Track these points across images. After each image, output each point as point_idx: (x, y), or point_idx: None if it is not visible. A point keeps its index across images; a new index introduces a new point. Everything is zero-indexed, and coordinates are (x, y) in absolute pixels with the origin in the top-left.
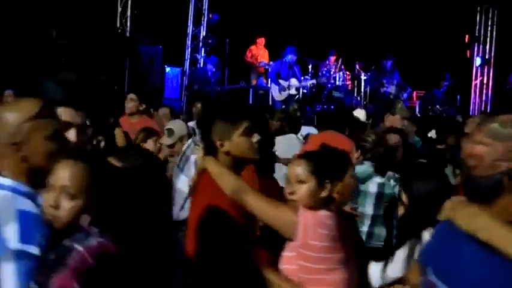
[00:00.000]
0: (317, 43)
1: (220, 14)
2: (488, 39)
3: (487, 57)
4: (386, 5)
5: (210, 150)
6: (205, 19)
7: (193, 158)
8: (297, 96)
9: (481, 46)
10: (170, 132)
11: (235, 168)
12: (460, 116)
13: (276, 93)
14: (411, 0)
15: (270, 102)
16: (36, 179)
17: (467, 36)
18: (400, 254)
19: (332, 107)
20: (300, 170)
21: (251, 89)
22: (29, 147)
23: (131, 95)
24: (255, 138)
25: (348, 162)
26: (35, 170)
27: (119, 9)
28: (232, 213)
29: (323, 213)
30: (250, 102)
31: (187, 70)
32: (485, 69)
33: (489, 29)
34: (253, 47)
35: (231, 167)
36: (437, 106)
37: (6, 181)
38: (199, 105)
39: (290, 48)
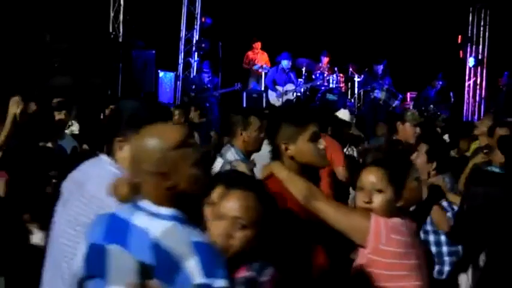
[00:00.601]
0: (311, 45)
1: (213, 18)
2: (481, 39)
3: (480, 57)
4: (379, 6)
5: (276, 154)
6: (198, 23)
7: None
8: (293, 101)
9: (474, 46)
10: None
11: (301, 173)
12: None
13: (274, 100)
14: (403, 1)
15: (264, 105)
16: (181, 205)
17: (460, 36)
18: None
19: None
20: (378, 178)
21: (244, 93)
22: (176, 175)
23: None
24: (321, 144)
25: (410, 164)
26: (179, 196)
27: (112, 14)
28: (303, 217)
29: (396, 220)
30: (244, 105)
31: (181, 74)
32: (479, 70)
33: (482, 29)
34: (249, 53)
35: (298, 172)
36: (431, 106)
37: (163, 210)
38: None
39: (285, 54)
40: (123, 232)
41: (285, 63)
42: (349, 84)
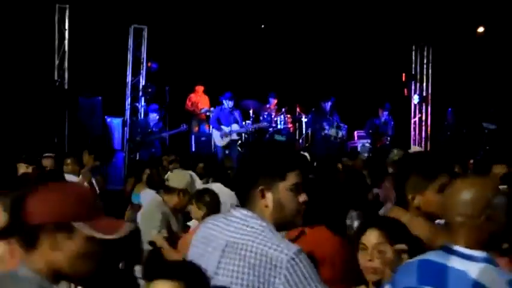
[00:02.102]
0: (256, 87)
1: (159, 62)
2: (424, 76)
3: (424, 94)
4: (323, 46)
5: (401, 202)
6: (144, 68)
7: None
8: (239, 142)
9: (418, 84)
10: None
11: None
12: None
13: (218, 139)
14: (347, 42)
15: (213, 149)
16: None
17: (403, 74)
18: None
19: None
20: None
21: (193, 136)
22: (495, 221)
23: None
24: None
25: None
26: (491, 239)
27: (56, 61)
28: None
29: None
30: (193, 149)
31: (128, 120)
32: (423, 106)
33: (425, 66)
34: (192, 95)
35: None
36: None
37: (476, 253)
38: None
39: (227, 93)
40: (440, 275)
41: (227, 102)
42: (297, 124)
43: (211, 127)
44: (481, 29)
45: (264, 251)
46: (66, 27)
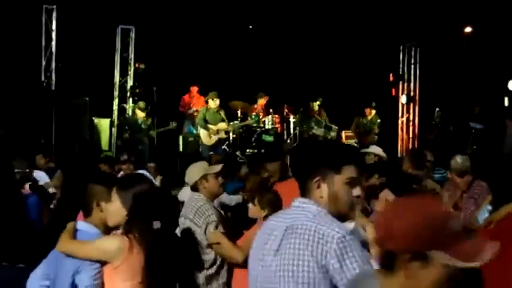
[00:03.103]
0: (244, 87)
1: (146, 63)
2: (412, 77)
3: (411, 94)
4: (311, 47)
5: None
6: (132, 69)
7: None
8: (227, 141)
9: (405, 84)
10: None
11: None
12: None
13: (206, 138)
14: (335, 42)
15: (200, 149)
16: None
17: (391, 74)
18: None
19: (262, 150)
20: None
21: (180, 136)
22: None
23: None
24: None
25: None
26: None
27: (43, 62)
28: None
29: None
30: (181, 149)
31: (116, 120)
32: (411, 107)
33: (412, 67)
34: (185, 96)
35: None
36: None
37: None
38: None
39: (212, 93)
40: None
41: (211, 101)
42: (285, 125)
43: (198, 127)
44: (468, 29)
45: (317, 228)
46: (54, 28)
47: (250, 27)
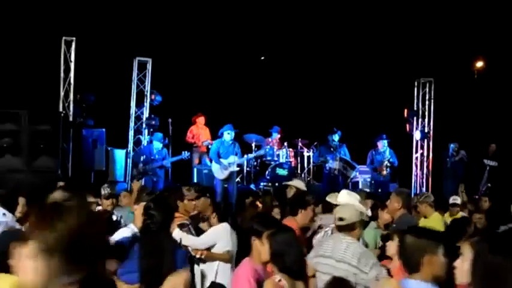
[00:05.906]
0: (258, 120)
1: (162, 94)
2: (426, 112)
3: (426, 130)
4: (325, 82)
5: None
6: (148, 100)
7: None
8: (240, 175)
9: (420, 120)
10: None
11: None
12: None
13: (218, 173)
14: (349, 77)
15: (215, 182)
16: None
17: (406, 110)
18: None
19: (277, 184)
20: None
21: (195, 169)
22: None
23: None
24: None
25: None
26: None
27: (62, 93)
28: None
29: None
30: (195, 181)
31: (131, 151)
32: (425, 143)
33: (427, 102)
34: (193, 127)
35: None
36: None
37: None
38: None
39: (227, 125)
40: None
41: (227, 134)
42: (299, 158)
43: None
44: (480, 64)
45: None
46: (72, 59)
47: (262, 58)
